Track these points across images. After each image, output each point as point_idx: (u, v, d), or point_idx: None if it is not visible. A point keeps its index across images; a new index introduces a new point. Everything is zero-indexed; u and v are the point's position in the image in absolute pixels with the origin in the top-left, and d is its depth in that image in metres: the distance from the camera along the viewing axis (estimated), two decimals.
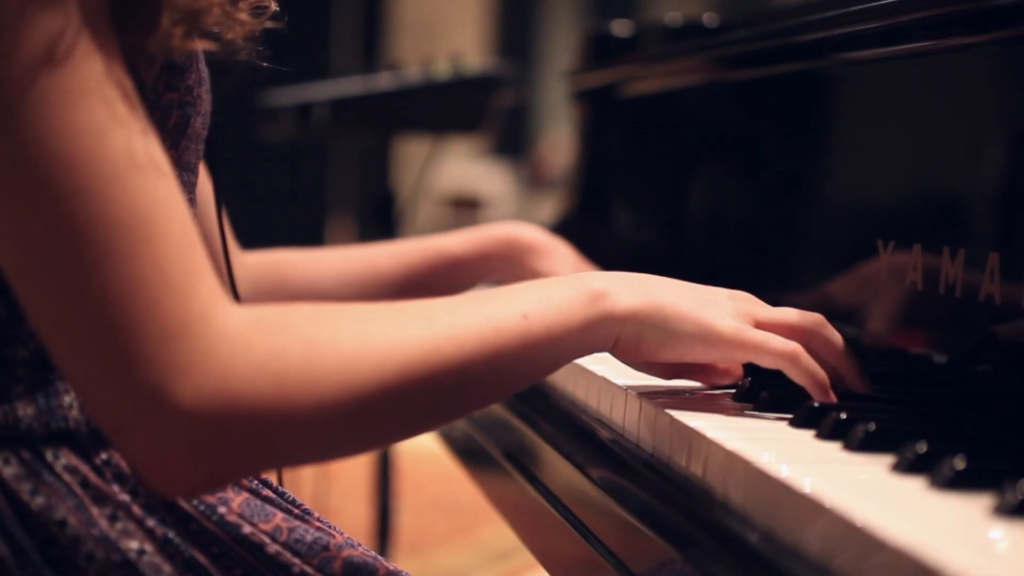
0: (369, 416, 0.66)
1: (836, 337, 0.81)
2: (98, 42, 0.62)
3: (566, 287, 0.75)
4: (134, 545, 0.71)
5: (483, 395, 0.74)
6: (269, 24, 0.74)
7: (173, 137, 0.76)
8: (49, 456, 0.71)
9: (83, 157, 0.60)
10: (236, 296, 0.96)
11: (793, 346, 0.77)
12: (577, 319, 0.74)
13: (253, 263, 1.15)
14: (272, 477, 0.84)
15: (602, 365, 0.95)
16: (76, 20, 0.61)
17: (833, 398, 0.78)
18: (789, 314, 0.81)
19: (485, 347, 0.69)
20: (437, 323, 0.68)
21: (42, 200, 0.60)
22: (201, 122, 0.79)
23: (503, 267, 1.20)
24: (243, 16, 0.71)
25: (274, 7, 0.75)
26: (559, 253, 1.20)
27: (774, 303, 0.84)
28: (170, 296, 0.61)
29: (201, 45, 0.70)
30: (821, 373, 0.77)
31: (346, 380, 0.64)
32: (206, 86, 0.80)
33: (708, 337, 0.77)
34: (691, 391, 0.87)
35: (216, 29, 0.70)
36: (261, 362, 0.62)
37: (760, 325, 0.79)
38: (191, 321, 0.61)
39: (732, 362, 0.80)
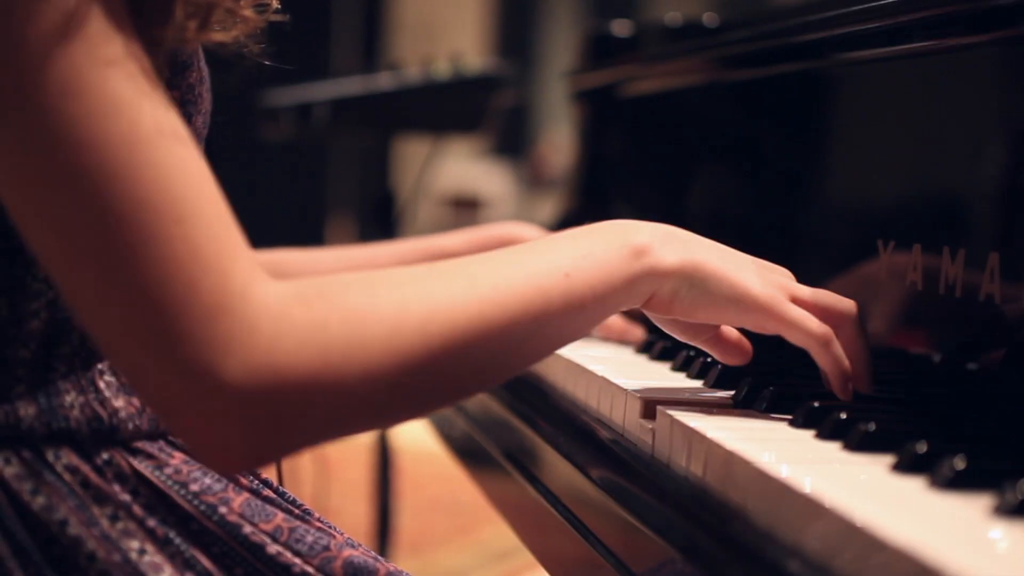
0: (416, 380, 0.66)
1: (862, 332, 0.80)
2: (116, 23, 0.62)
3: (609, 242, 0.74)
4: (135, 545, 0.71)
5: (529, 354, 0.73)
6: (273, 18, 0.74)
7: None
8: (50, 456, 0.71)
9: (110, 134, 0.60)
10: None
11: (826, 330, 0.77)
12: (620, 276, 0.74)
13: None
14: (272, 477, 0.84)
15: (602, 365, 0.95)
16: (94, 5, 0.61)
17: (850, 392, 0.78)
18: (825, 296, 0.80)
19: (529, 308, 0.69)
20: (480, 284, 0.68)
21: (73, 187, 0.60)
22: (202, 121, 0.79)
23: None
24: (246, 12, 0.71)
25: (276, 4, 0.75)
26: None
27: None
28: (209, 275, 0.61)
29: (212, 39, 0.70)
30: (846, 363, 0.77)
31: (390, 346, 0.64)
32: (207, 85, 0.80)
33: (744, 302, 0.76)
34: (691, 391, 0.87)
35: (219, 26, 0.70)
36: (304, 334, 0.62)
37: (795, 300, 0.78)
38: (232, 298, 0.61)
39: (763, 330, 0.79)
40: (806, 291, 0.80)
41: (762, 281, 0.78)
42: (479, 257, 0.71)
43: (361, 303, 0.64)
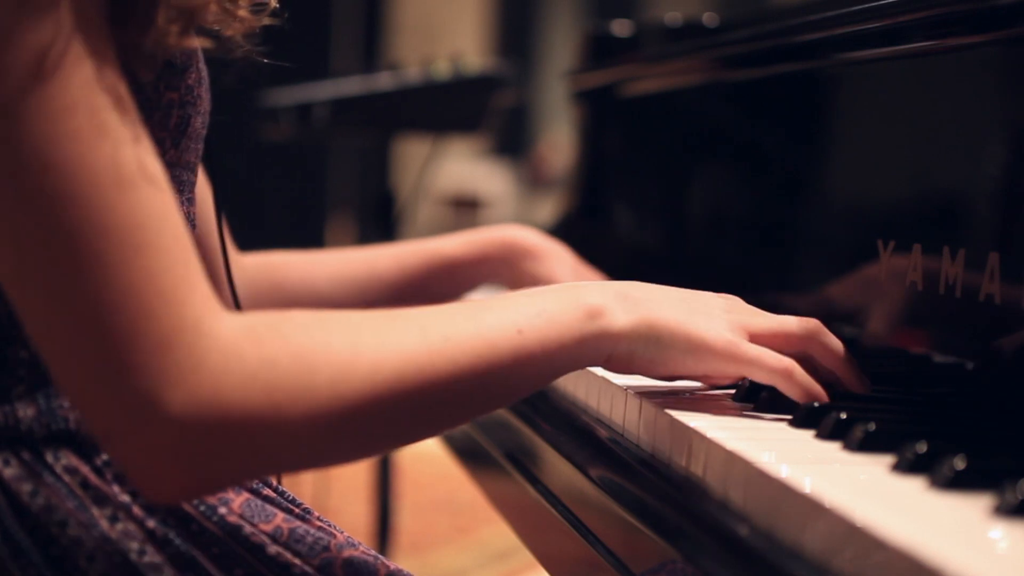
0: (360, 426, 0.66)
1: (834, 342, 0.80)
2: (90, 46, 0.62)
3: (562, 302, 0.74)
4: (135, 546, 0.71)
5: (475, 407, 0.74)
6: (268, 21, 0.74)
7: (174, 137, 0.76)
8: (49, 457, 0.71)
9: (74, 168, 0.60)
10: (235, 297, 0.95)
11: (787, 363, 0.77)
12: (572, 336, 0.74)
13: (249, 265, 1.14)
14: (272, 477, 0.84)
15: None
16: (68, 26, 0.61)
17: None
18: (785, 323, 0.80)
19: (478, 362, 0.69)
20: (431, 335, 0.68)
21: (35, 209, 0.60)
22: (201, 122, 0.79)
23: (501, 270, 1.20)
24: (242, 13, 0.71)
25: (273, 4, 0.75)
26: (557, 256, 1.20)
27: (775, 303, 0.84)
28: (163, 305, 0.61)
29: (200, 43, 0.69)
30: (816, 388, 0.77)
31: (337, 391, 0.64)
32: (206, 85, 0.80)
33: (698, 351, 0.77)
34: (691, 391, 0.87)
35: (215, 27, 0.70)
36: (252, 372, 0.62)
37: (755, 336, 0.78)
38: (184, 330, 0.61)
39: (725, 375, 0.79)
40: (764, 323, 0.79)
41: (716, 325, 0.77)
42: (435, 308, 0.71)
43: (313, 344, 0.64)
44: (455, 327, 0.70)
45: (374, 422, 0.67)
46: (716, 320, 0.78)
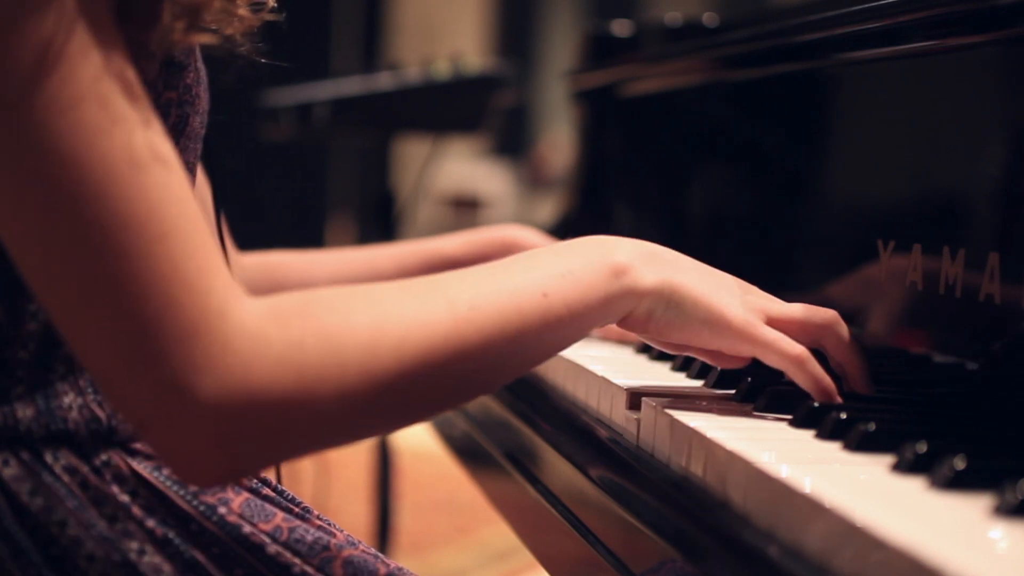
0: (391, 400, 0.66)
1: (847, 335, 0.80)
2: (96, 34, 0.62)
3: (589, 260, 0.74)
4: (134, 546, 0.71)
5: (504, 373, 0.73)
6: (268, 17, 0.74)
7: (172, 136, 0.76)
8: (49, 457, 0.71)
9: (89, 159, 0.60)
10: None
11: (800, 350, 0.77)
12: (598, 295, 0.74)
13: (249, 265, 1.14)
14: (271, 476, 0.84)
15: (602, 365, 0.95)
16: (72, 16, 0.61)
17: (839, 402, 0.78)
18: (801, 310, 0.80)
19: (506, 329, 0.69)
20: (457, 304, 0.68)
21: (55, 204, 0.60)
22: (200, 121, 0.79)
23: None
24: (242, 11, 0.71)
25: (272, 2, 0.75)
26: None
27: None
28: (187, 293, 0.61)
29: (205, 39, 0.69)
30: (826, 379, 0.77)
31: (365, 367, 0.64)
32: (204, 85, 0.80)
33: (717, 325, 0.77)
34: (691, 391, 0.87)
35: (215, 25, 0.70)
36: (280, 354, 0.62)
37: (772, 321, 0.78)
38: (209, 317, 0.61)
39: (738, 353, 0.79)
40: (783, 309, 0.80)
41: (738, 304, 0.77)
42: (458, 274, 0.71)
43: (338, 322, 0.64)
44: (480, 294, 0.69)
45: (405, 395, 0.66)
46: (737, 299, 0.78)
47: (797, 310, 0.80)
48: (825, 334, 0.79)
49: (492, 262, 0.74)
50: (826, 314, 0.80)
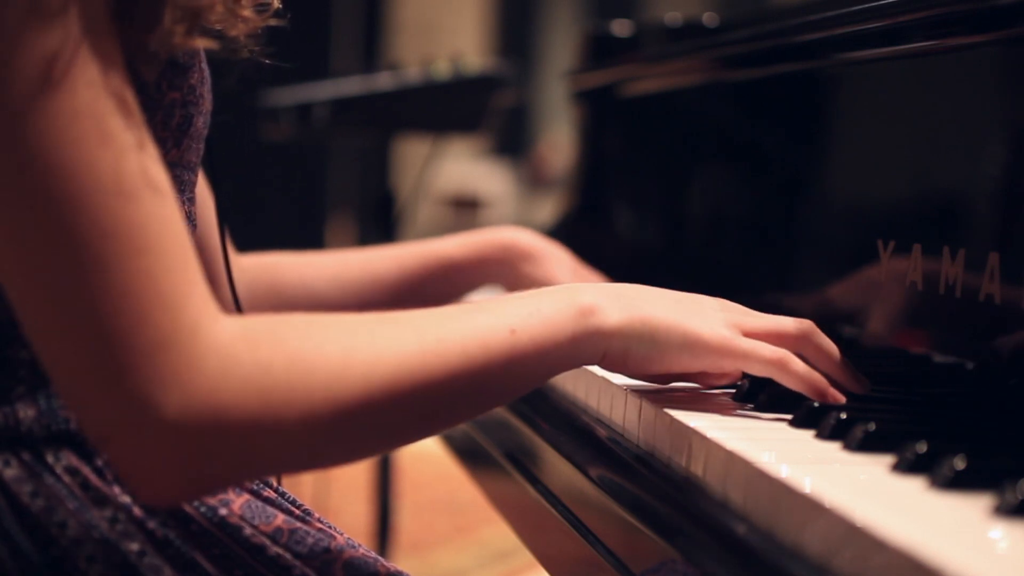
0: (355, 428, 0.66)
1: (827, 344, 0.80)
2: (98, 52, 0.62)
3: (556, 301, 0.75)
4: (135, 547, 0.71)
5: (471, 407, 0.74)
6: (272, 22, 0.74)
7: (176, 136, 0.76)
8: (50, 458, 0.71)
9: (77, 172, 0.60)
10: (236, 298, 0.95)
11: (781, 353, 0.77)
12: (566, 334, 0.74)
13: (248, 266, 1.14)
14: (272, 478, 0.84)
15: None
16: (76, 32, 0.61)
17: (834, 397, 0.78)
18: (778, 322, 0.80)
19: (472, 362, 0.70)
20: (425, 337, 0.68)
21: (36, 211, 0.60)
22: (203, 121, 0.79)
23: (500, 272, 1.20)
24: (246, 13, 0.71)
25: (276, 4, 0.75)
26: (555, 258, 1.20)
27: (774, 304, 0.84)
28: (160, 308, 0.61)
29: (204, 43, 0.69)
30: (814, 375, 0.77)
31: (331, 394, 0.64)
32: (208, 85, 0.80)
33: (694, 347, 0.77)
34: (691, 391, 0.87)
35: (219, 27, 0.70)
36: (248, 375, 0.62)
37: (749, 334, 0.79)
38: (180, 334, 0.61)
39: (721, 371, 0.80)
40: (758, 322, 0.80)
41: (710, 322, 0.78)
42: (429, 311, 0.72)
43: (307, 348, 0.64)
44: (448, 328, 0.70)
45: (370, 424, 0.67)
46: (710, 318, 0.78)
47: (772, 322, 0.80)
48: (803, 344, 0.80)
49: (463, 304, 0.74)
50: (801, 324, 0.80)
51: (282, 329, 0.65)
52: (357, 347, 0.66)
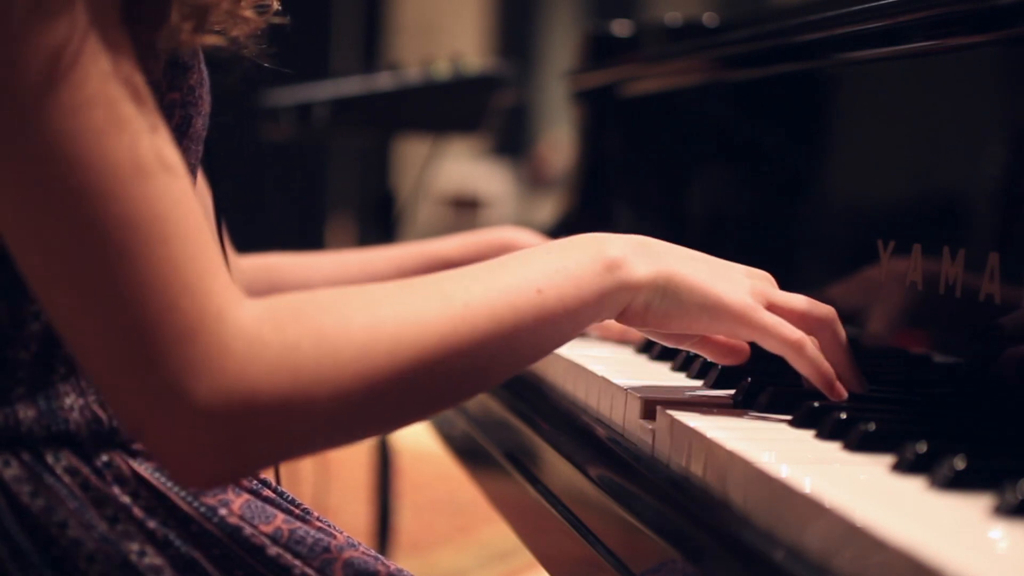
0: (386, 401, 0.66)
1: (843, 335, 0.80)
2: (106, 39, 0.62)
3: (582, 255, 0.74)
4: (135, 547, 0.71)
5: (501, 370, 0.73)
6: (273, 20, 0.74)
7: (175, 137, 0.76)
8: (50, 458, 0.71)
9: (95, 162, 0.60)
10: None
11: (800, 335, 0.77)
12: (593, 290, 0.74)
13: (247, 267, 1.14)
14: (271, 477, 0.84)
15: (602, 365, 0.95)
16: (83, 21, 0.61)
17: (839, 391, 0.78)
18: (802, 301, 0.80)
19: (501, 326, 0.69)
20: (452, 304, 0.68)
21: (58, 205, 0.60)
22: (202, 123, 0.79)
23: None
24: (247, 13, 0.71)
25: (276, 5, 0.75)
26: None
27: None
28: (187, 296, 0.61)
29: (210, 40, 0.70)
30: (826, 365, 0.77)
31: (360, 368, 0.64)
32: (207, 86, 0.80)
33: (716, 310, 0.77)
34: (691, 391, 0.87)
35: (220, 27, 0.70)
36: (276, 356, 0.62)
37: (772, 307, 0.78)
38: (207, 320, 0.61)
39: (737, 338, 0.79)
40: (784, 297, 0.80)
41: (736, 288, 0.78)
42: (453, 273, 0.71)
43: (333, 323, 0.64)
44: (474, 292, 0.69)
45: (402, 394, 0.67)
46: (736, 283, 0.78)
47: (799, 300, 0.80)
48: (822, 329, 0.80)
49: (487, 261, 0.74)
50: (826, 309, 0.80)
51: (306, 307, 0.65)
52: (383, 318, 0.66)
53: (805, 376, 0.78)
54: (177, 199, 0.62)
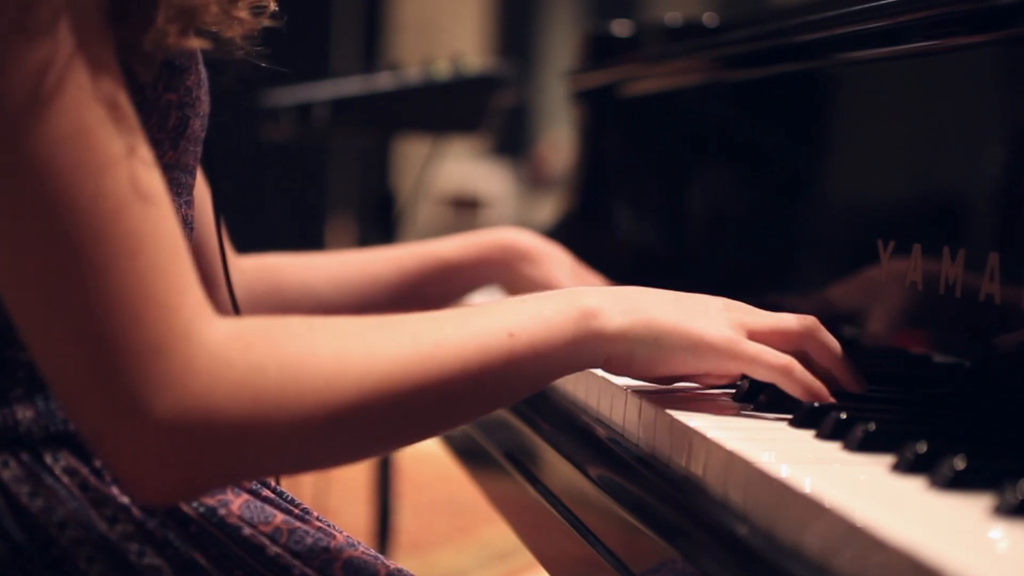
0: (348, 432, 0.66)
1: (831, 341, 0.80)
2: (90, 59, 0.62)
3: (556, 304, 0.75)
4: (134, 547, 0.71)
5: (468, 411, 0.74)
6: (268, 23, 0.74)
7: (172, 138, 0.76)
8: (48, 458, 0.71)
9: (70, 176, 0.60)
10: (233, 299, 0.95)
11: (786, 360, 0.77)
12: (566, 337, 0.74)
13: (247, 267, 1.14)
14: (270, 478, 0.84)
15: None
16: (68, 43, 0.61)
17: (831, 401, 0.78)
18: (783, 320, 0.80)
19: (467, 366, 0.69)
20: (421, 341, 0.68)
21: (31, 215, 0.60)
22: (200, 124, 0.79)
23: (499, 273, 1.20)
24: (242, 14, 0.71)
25: (273, 6, 0.75)
26: (555, 259, 1.20)
27: (774, 304, 0.84)
28: (154, 311, 0.61)
29: (199, 44, 0.69)
30: (816, 384, 0.77)
31: (324, 398, 0.64)
32: (205, 88, 0.80)
33: (698, 349, 0.77)
34: (691, 391, 0.87)
35: (215, 28, 0.70)
36: (240, 378, 0.62)
37: (753, 334, 0.79)
38: (173, 336, 0.61)
39: (726, 372, 0.80)
40: (763, 321, 0.80)
41: (715, 323, 0.78)
42: (425, 315, 0.71)
43: (301, 350, 0.64)
44: (445, 332, 0.69)
45: (363, 427, 0.67)
46: (714, 319, 0.78)
47: (778, 320, 0.80)
48: (807, 341, 0.80)
49: (462, 307, 0.74)
50: (806, 321, 0.80)
51: (276, 331, 0.65)
52: (351, 350, 0.66)
53: (798, 398, 0.78)
54: (151, 218, 0.62)
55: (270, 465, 0.67)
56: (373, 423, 0.67)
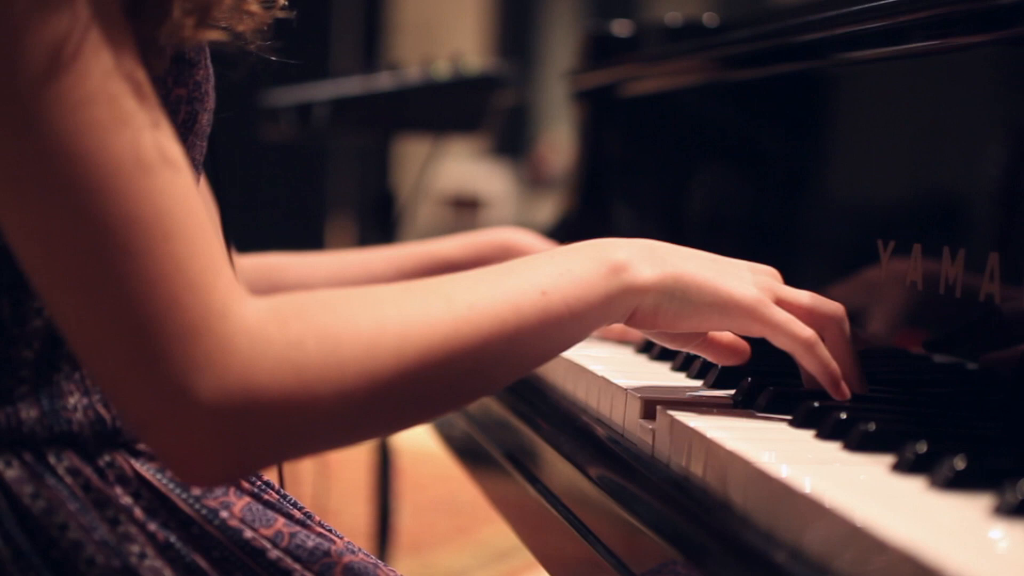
0: (389, 400, 0.66)
1: (849, 332, 0.80)
2: (107, 35, 0.62)
3: (587, 259, 0.74)
4: (135, 549, 0.71)
5: (504, 374, 0.73)
6: (279, 14, 0.74)
7: (181, 133, 0.76)
8: (51, 459, 0.71)
9: (96, 157, 0.60)
10: None
11: (811, 333, 0.77)
12: (598, 293, 0.74)
13: (247, 267, 1.14)
14: (273, 478, 0.84)
15: (602, 365, 0.95)
16: (84, 16, 0.61)
17: (844, 391, 0.78)
18: (810, 297, 0.80)
19: (505, 327, 0.69)
20: (455, 304, 0.68)
21: (60, 202, 0.60)
22: (207, 119, 0.79)
23: None
24: (253, 8, 0.71)
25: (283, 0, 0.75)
26: None
27: None
28: (190, 293, 0.61)
29: (214, 36, 0.69)
30: (833, 365, 0.77)
31: (365, 367, 0.64)
32: (212, 83, 0.79)
33: (727, 307, 0.77)
34: (691, 391, 0.87)
35: (226, 22, 0.70)
36: (280, 354, 0.62)
37: (780, 302, 0.78)
38: (211, 317, 0.61)
39: (748, 333, 0.79)
40: (792, 293, 0.80)
41: (745, 284, 0.78)
42: (458, 276, 0.71)
43: (338, 322, 0.64)
44: (479, 293, 0.69)
45: (405, 395, 0.66)
46: (744, 280, 0.78)
47: (806, 296, 0.80)
48: (830, 325, 0.79)
49: (492, 266, 0.74)
50: (835, 306, 0.80)
51: (311, 305, 0.65)
52: (388, 317, 0.66)
53: (813, 374, 0.78)
54: (180, 195, 0.62)
55: (318, 439, 0.66)
56: (415, 388, 0.67)
